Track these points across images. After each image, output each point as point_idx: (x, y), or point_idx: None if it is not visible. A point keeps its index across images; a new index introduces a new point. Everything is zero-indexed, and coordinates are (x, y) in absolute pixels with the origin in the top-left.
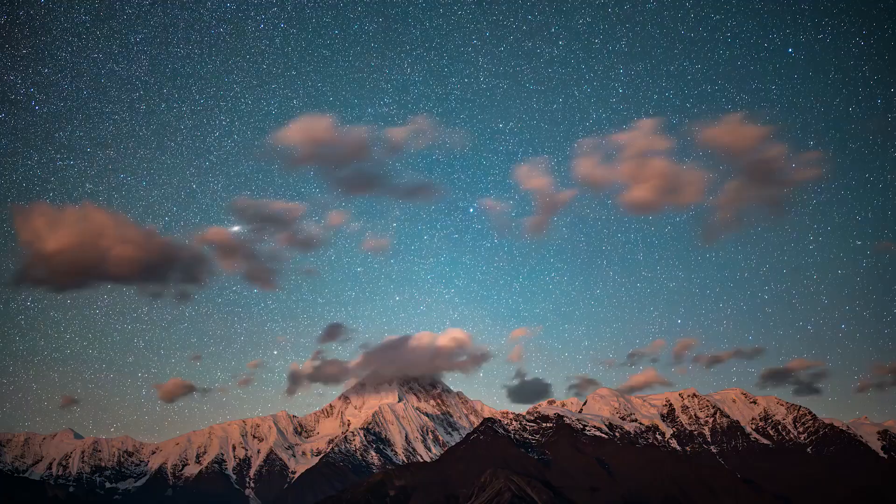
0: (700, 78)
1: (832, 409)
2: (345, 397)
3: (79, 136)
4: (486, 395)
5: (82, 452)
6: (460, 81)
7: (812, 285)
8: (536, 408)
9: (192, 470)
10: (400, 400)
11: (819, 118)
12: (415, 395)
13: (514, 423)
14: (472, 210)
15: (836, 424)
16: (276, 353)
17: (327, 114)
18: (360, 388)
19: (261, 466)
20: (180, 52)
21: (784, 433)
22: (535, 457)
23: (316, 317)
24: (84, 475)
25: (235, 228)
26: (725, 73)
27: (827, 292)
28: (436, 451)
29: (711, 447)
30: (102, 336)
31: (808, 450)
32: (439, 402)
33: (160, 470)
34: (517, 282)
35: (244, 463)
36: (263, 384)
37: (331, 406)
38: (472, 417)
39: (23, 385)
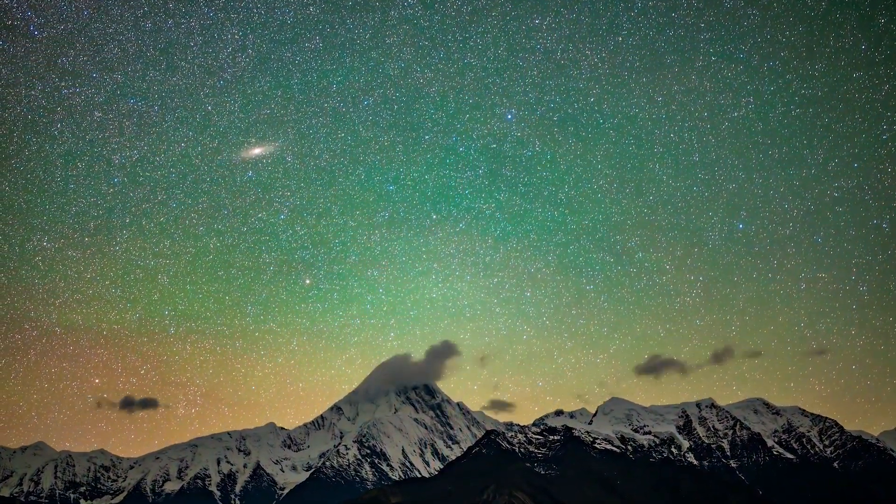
0: None
1: None
2: (337, 408)
3: (83, 62)
4: None
5: (55, 467)
6: None
7: (887, 179)
8: (543, 419)
9: (173, 486)
10: (396, 411)
11: None
12: (412, 405)
13: (518, 435)
14: (510, 117)
15: (864, 437)
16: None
17: (347, 20)
18: (354, 399)
19: (247, 482)
20: None
21: (809, 446)
22: (542, 472)
23: None
24: (57, 492)
25: (256, 151)
26: None
27: None
28: (435, 466)
29: (731, 461)
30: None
31: (835, 464)
32: (438, 412)
33: (139, 486)
34: (562, 192)
35: (229, 478)
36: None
37: (322, 417)
38: (473, 429)
39: None
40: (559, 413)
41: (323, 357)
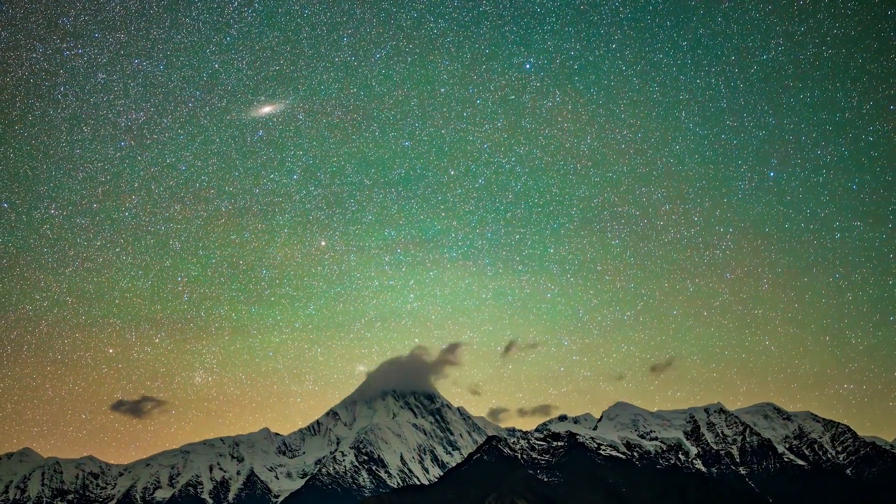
0: None
1: None
2: (333, 413)
3: (84, 21)
4: None
5: (42, 474)
6: None
7: None
8: (546, 424)
9: (164, 494)
10: (394, 416)
11: None
12: (411, 410)
13: (520, 441)
14: (528, 66)
15: (878, 443)
16: None
17: None
18: (351, 404)
19: (240, 489)
20: None
21: (821, 453)
22: (545, 479)
23: None
24: (44, 499)
25: (266, 109)
26: None
27: None
28: (434, 473)
29: (740, 468)
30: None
31: (848, 471)
32: (438, 418)
33: (128, 494)
34: (585, 144)
35: (222, 486)
36: None
37: (318, 423)
38: (474, 435)
39: None
40: (563, 418)
41: (341, 320)
